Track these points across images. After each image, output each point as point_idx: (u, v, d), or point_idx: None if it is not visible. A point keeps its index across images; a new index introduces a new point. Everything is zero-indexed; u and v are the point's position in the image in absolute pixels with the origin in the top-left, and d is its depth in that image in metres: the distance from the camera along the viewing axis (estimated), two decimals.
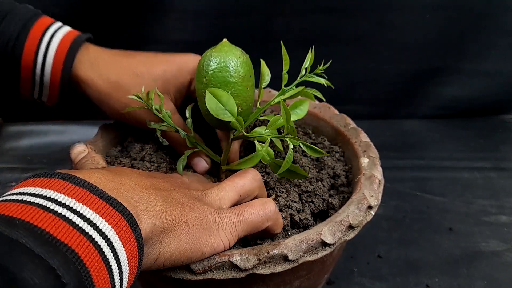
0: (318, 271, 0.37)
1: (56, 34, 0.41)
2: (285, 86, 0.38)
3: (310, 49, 0.38)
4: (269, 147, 0.36)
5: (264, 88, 0.39)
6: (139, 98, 0.39)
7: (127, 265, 0.24)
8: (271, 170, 0.39)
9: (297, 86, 0.38)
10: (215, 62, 0.36)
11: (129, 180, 0.28)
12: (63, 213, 0.22)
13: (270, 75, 0.40)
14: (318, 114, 0.49)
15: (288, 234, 0.36)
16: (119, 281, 0.23)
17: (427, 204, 0.64)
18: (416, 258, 0.55)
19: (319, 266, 0.37)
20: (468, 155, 0.75)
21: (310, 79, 0.39)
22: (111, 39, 0.48)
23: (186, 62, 0.43)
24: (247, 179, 0.35)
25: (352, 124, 0.46)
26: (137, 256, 0.25)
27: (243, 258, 0.31)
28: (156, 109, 0.39)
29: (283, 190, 0.40)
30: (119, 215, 0.24)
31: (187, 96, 0.45)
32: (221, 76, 0.35)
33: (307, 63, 0.39)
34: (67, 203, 0.22)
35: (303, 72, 0.39)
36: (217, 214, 0.31)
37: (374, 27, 0.72)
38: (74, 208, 0.22)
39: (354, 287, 0.50)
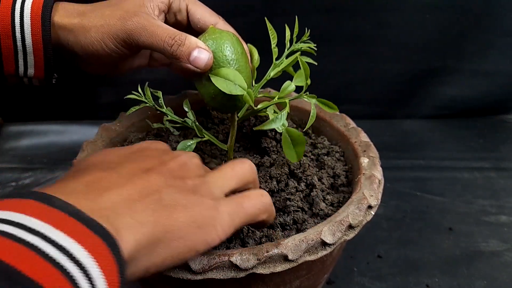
0: (318, 271, 0.37)
1: None
2: (276, 59, 0.39)
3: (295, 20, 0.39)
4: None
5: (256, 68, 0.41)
6: (139, 95, 0.40)
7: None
8: (282, 148, 0.39)
9: (287, 57, 0.39)
10: (212, 44, 0.36)
11: (110, 194, 0.25)
12: (32, 242, 0.20)
13: (259, 56, 0.41)
14: (318, 113, 0.49)
15: (288, 234, 0.36)
16: None
17: (427, 204, 0.64)
18: (416, 258, 0.55)
19: (319, 266, 0.37)
20: (468, 155, 0.75)
21: (299, 47, 0.40)
22: None
23: None
24: (247, 169, 0.33)
25: (352, 124, 0.46)
26: (118, 281, 0.22)
27: (243, 258, 0.31)
28: (156, 106, 0.40)
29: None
30: (99, 239, 0.22)
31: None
32: (222, 55, 0.36)
33: (289, 35, 0.40)
34: (39, 230, 0.20)
35: (288, 44, 0.40)
36: (215, 207, 0.29)
37: (374, 27, 0.72)
38: (46, 235, 0.20)
39: (354, 287, 0.50)
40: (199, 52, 0.36)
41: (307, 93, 0.36)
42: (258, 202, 0.31)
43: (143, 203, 0.26)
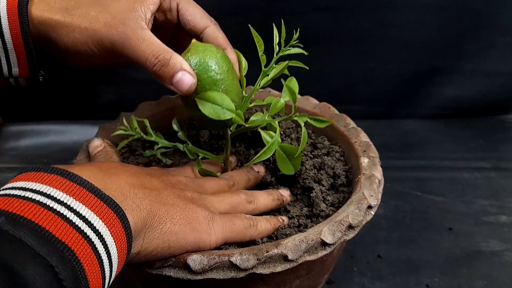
0: (318, 270, 0.37)
1: None
2: (265, 67, 0.38)
3: (280, 23, 0.38)
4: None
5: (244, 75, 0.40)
6: (126, 128, 0.41)
7: (117, 258, 0.26)
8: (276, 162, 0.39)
9: (276, 63, 0.38)
10: (196, 64, 0.34)
11: (118, 179, 0.29)
12: (61, 211, 0.24)
13: (246, 62, 0.40)
14: (318, 114, 0.49)
15: (288, 234, 0.36)
16: (109, 272, 0.25)
17: (427, 204, 0.64)
18: (416, 258, 0.55)
19: (319, 266, 0.37)
20: (468, 155, 0.75)
21: (287, 52, 0.39)
22: None
23: None
24: (242, 199, 0.37)
25: (352, 124, 0.46)
26: (126, 249, 0.27)
27: (243, 258, 0.31)
28: (144, 134, 0.41)
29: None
30: (112, 212, 0.26)
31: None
32: (207, 77, 0.34)
33: (277, 38, 0.39)
34: (65, 201, 0.24)
35: (277, 48, 0.39)
36: (211, 218, 0.32)
37: (374, 26, 0.72)
38: (71, 206, 0.24)
39: (354, 287, 0.50)
40: (183, 75, 0.34)
41: (297, 114, 0.36)
42: (248, 226, 0.35)
43: (144, 192, 0.30)
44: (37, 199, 0.24)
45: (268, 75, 0.39)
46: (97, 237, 0.24)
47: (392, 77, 0.79)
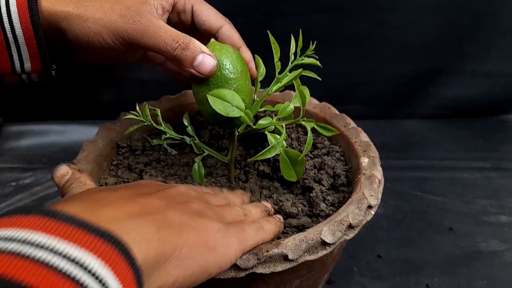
0: (318, 270, 0.37)
1: None
2: (279, 74, 0.38)
3: (298, 34, 0.38)
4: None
5: (260, 81, 0.40)
6: (137, 114, 0.41)
7: None
8: (279, 164, 0.39)
9: (290, 71, 0.39)
10: None
11: (112, 210, 0.25)
12: (42, 258, 0.19)
13: (265, 68, 0.40)
14: (318, 114, 0.49)
15: (288, 234, 0.36)
16: None
17: (427, 204, 0.64)
18: (416, 258, 0.55)
19: (319, 266, 0.37)
20: (468, 155, 0.75)
21: (302, 61, 0.39)
22: None
23: None
24: (240, 212, 0.34)
25: (352, 124, 0.46)
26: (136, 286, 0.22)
27: (243, 258, 0.31)
28: (155, 123, 0.40)
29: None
30: (112, 247, 0.21)
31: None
32: (220, 75, 0.35)
33: (293, 48, 0.39)
34: (47, 244, 0.19)
35: (293, 57, 0.39)
36: (225, 231, 0.29)
37: (374, 27, 0.72)
38: (56, 249, 0.19)
39: (354, 287, 0.50)
40: (204, 57, 0.35)
41: (305, 118, 0.37)
42: (255, 229, 0.32)
43: (147, 219, 0.25)
44: (9, 248, 0.18)
45: (280, 81, 0.39)
46: (95, 281, 0.19)
47: (392, 78, 0.79)
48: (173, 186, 0.31)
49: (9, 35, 0.37)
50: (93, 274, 0.19)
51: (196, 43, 0.35)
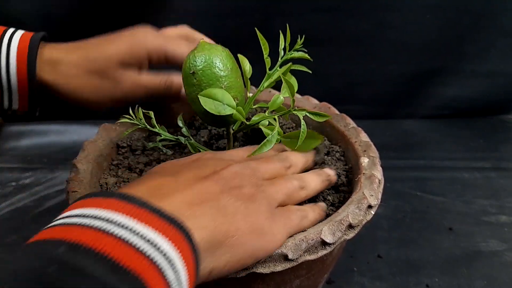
0: (318, 270, 0.37)
1: (13, 37, 0.42)
2: (269, 69, 0.39)
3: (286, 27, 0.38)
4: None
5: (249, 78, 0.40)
6: (131, 118, 0.41)
7: (187, 282, 0.23)
8: (288, 148, 0.40)
9: (280, 66, 0.39)
10: (201, 61, 0.35)
11: (173, 200, 0.27)
12: (124, 236, 0.21)
13: (250, 66, 0.40)
14: (318, 114, 0.49)
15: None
16: None
17: (427, 204, 0.64)
18: (416, 258, 0.55)
19: (319, 266, 0.37)
20: (468, 155, 0.75)
21: (292, 56, 0.40)
22: None
23: (138, 38, 0.44)
24: (295, 186, 0.35)
25: (352, 124, 0.46)
26: (195, 270, 0.24)
27: None
28: (149, 126, 0.41)
29: None
30: (179, 232, 0.24)
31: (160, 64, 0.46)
32: (211, 73, 0.35)
33: (282, 43, 0.39)
34: (126, 225, 0.22)
35: (282, 52, 0.40)
36: (272, 217, 0.30)
37: (374, 27, 0.72)
38: (134, 229, 0.22)
39: (354, 287, 0.50)
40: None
41: (296, 108, 0.37)
42: (300, 217, 0.33)
43: (203, 208, 0.27)
44: (96, 224, 0.22)
45: (272, 77, 0.39)
46: (166, 261, 0.22)
47: (392, 78, 0.79)
48: (229, 166, 0.32)
49: (4, 84, 0.41)
50: (164, 255, 0.22)
51: (175, 80, 0.44)
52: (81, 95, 0.44)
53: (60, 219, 0.23)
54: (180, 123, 0.44)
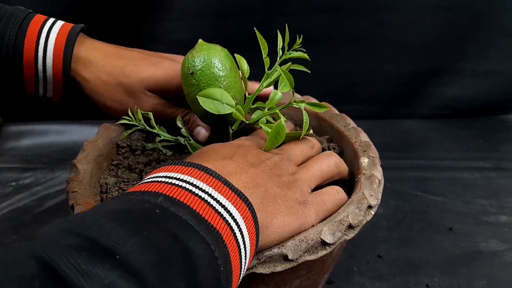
0: (318, 270, 0.37)
1: (52, 29, 0.43)
2: (268, 69, 0.39)
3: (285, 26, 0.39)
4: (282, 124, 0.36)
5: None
6: (130, 119, 0.41)
7: (249, 250, 0.27)
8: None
9: (279, 65, 0.39)
10: (200, 61, 0.36)
11: (236, 177, 0.31)
12: (206, 199, 0.26)
13: (248, 66, 0.41)
14: (318, 113, 0.49)
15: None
16: (244, 264, 0.27)
17: (427, 204, 0.64)
18: (416, 258, 0.55)
19: (319, 266, 0.37)
20: (468, 155, 0.75)
21: (290, 55, 0.40)
22: (111, 40, 0.48)
23: (176, 71, 0.45)
24: (332, 165, 0.38)
25: (352, 124, 0.46)
26: (255, 243, 0.28)
27: None
28: (148, 126, 0.41)
29: None
30: (245, 206, 0.28)
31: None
32: (210, 73, 0.35)
33: (280, 43, 0.40)
34: (206, 190, 0.26)
35: (280, 52, 0.40)
36: (305, 202, 0.34)
37: (374, 27, 0.72)
38: (212, 195, 0.26)
39: (354, 287, 0.50)
40: (200, 130, 0.44)
41: (296, 100, 0.37)
42: (335, 199, 0.36)
43: (256, 192, 0.31)
44: (183, 185, 0.26)
45: (271, 77, 0.39)
46: (236, 227, 0.26)
47: (392, 78, 0.79)
48: (270, 158, 0.35)
49: (40, 74, 0.43)
50: (235, 220, 0.26)
51: (194, 118, 0.44)
52: (104, 101, 0.45)
53: (150, 178, 0.28)
54: (179, 124, 0.44)
